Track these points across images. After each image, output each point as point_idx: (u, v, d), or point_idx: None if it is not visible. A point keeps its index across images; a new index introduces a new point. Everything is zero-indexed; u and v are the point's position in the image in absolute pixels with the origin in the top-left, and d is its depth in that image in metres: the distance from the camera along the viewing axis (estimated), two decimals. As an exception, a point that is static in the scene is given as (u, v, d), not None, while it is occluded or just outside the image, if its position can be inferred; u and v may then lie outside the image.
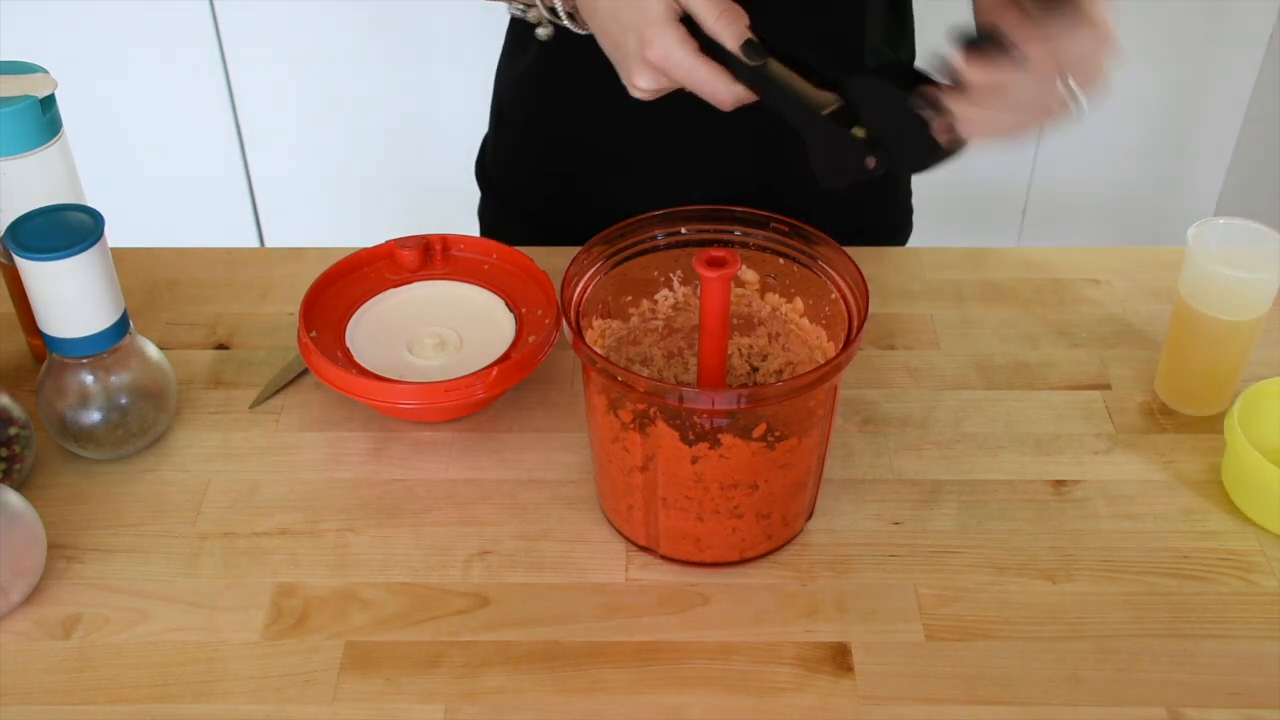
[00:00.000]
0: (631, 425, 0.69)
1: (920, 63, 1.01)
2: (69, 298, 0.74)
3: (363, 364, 0.83)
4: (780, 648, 0.70)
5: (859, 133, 0.68)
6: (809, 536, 0.76)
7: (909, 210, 1.13)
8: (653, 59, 0.69)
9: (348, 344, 0.84)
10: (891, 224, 1.11)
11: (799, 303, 0.77)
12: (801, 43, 0.70)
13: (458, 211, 1.18)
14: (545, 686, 0.67)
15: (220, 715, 0.66)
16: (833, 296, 0.73)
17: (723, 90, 0.69)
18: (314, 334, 0.84)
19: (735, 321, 0.80)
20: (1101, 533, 0.76)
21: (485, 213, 1.13)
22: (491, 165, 1.10)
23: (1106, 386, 0.87)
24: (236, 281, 0.96)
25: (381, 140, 1.96)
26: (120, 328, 0.77)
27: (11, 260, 0.75)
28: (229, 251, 0.99)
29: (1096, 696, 0.67)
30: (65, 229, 0.73)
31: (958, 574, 0.74)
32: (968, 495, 0.79)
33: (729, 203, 0.77)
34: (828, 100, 0.69)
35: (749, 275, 0.78)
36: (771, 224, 0.76)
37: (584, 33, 0.77)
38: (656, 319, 0.80)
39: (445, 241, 0.91)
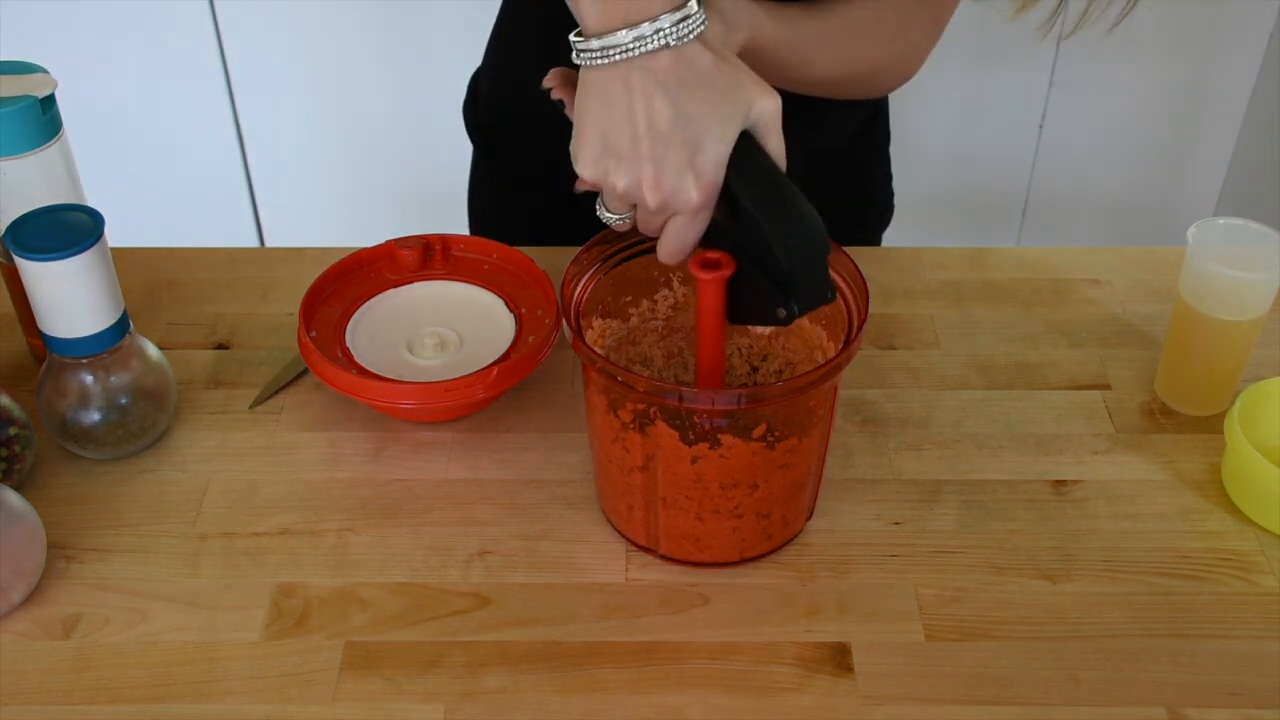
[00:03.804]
0: (631, 425, 0.69)
1: None
2: (69, 298, 0.74)
3: (363, 364, 0.83)
4: (780, 648, 0.70)
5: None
6: (809, 536, 0.76)
7: (890, 193, 1.13)
8: (706, 180, 0.64)
9: (348, 344, 0.84)
10: (877, 205, 1.11)
11: (799, 303, 0.77)
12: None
13: (458, 212, 1.18)
14: (545, 686, 0.67)
15: (220, 715, 0.66)
16: (833, 296, 0.73)
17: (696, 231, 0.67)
18: (314, 334, 0.84)
19: (735, 321, 0.80)
20: (1101, 533, 0.76)
21: (477, 176, 1.10)
22: (484, 105, 1.05)
23: (1106, 386, 0.87)
24: (236, 281, 0.96)
25: (382, 140, 1.96)
26: (120, 328, 0.77)
27: (11, 260, 0.75)
28: (229, 251, 0.99)
29: (1096, 696, 0.67)
30: (65, 229, 0.73)
31: (958, 574, 0.74)
32: (968, 495, 0.79)
33: None
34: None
35: (749, 275, 0.78)
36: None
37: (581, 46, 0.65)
38: (656, 319, 0.80)
39: (445, 241, 0.91)
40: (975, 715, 0.66)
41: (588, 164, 0.66)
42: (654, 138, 0.63)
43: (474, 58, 1.09)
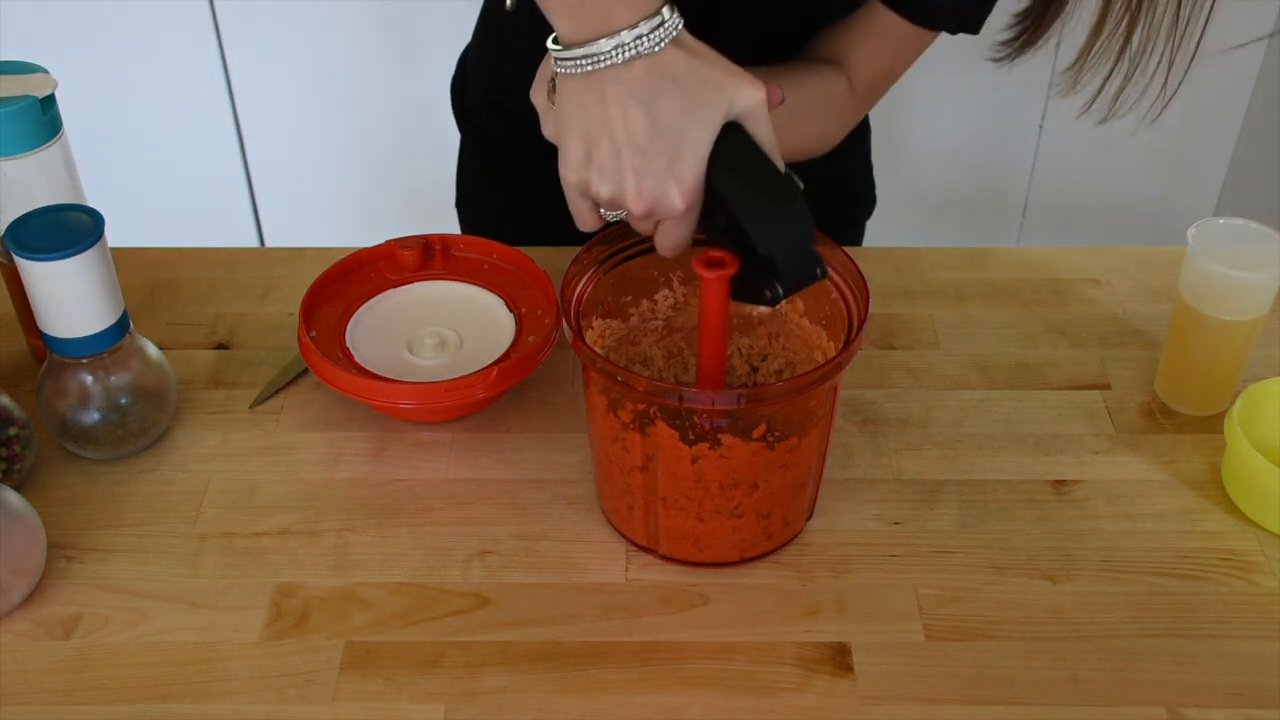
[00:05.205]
0: (631, 425, 0.69)
1: None
2: (69, 298, 0.74)
3: (363, 364, 0.83)
4: (780, 648, 0.70)
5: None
6: (809, 536, 0.76)
7: (871, 183, 1.13)
8: (687, 185, 0.64)
9: (348, 344, 0.84)
10: (860, 196, 1.12)
11: (799, 303, 0.77)
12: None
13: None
14: (545, 686, 0.67)
15: (220, 715, 0.66)
16: (833, 296, 0.73)
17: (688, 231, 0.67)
18: (314, 334, 0.84)
19: (735, 321, 0.80)
20: (1101, 533, 0.76)
21: (464, 174, 1.09)
22: (473, 88, 1.04)
23: (1106, 386, 0.87)
24: (236, 281, 0.96)
25: (382, 140, 1.96)
26: (120, 328, 0.77)
27: (11, 260, 0.75)
28: (229, 251, 0.99)
29: (1096, 696, 0.67)
30: (65, 229, 0.73)
31: (958, 574, 0.74)
32: (968, 495, 0.79)
33: None
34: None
35: (749, 275, 0.78)
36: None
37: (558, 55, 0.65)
38: (656, 319, 0.80)
39: (445, 241, 0.91)
40: (975, 715, 0.66)
41: (571, 175, 0.66)
42: (632, 148, 0.63)
43: (474, 57, 1.09)
